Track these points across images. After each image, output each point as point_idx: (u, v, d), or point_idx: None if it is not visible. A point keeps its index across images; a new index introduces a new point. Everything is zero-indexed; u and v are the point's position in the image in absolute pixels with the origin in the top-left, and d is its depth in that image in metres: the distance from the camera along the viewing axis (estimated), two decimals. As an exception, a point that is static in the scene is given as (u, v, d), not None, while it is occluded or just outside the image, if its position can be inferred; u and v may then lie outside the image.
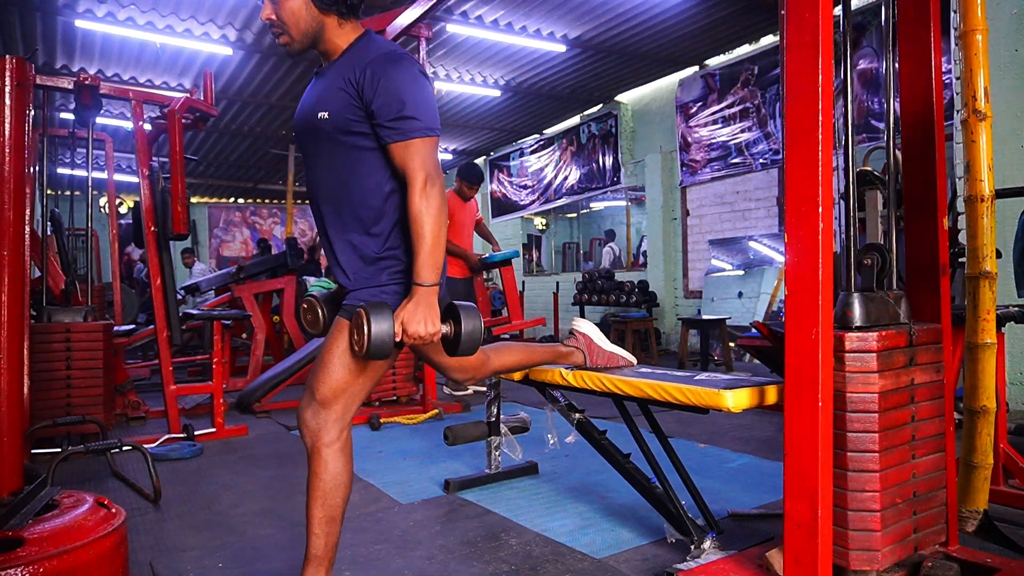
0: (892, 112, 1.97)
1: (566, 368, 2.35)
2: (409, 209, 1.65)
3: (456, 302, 1.76)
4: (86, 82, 4.11)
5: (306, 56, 2.07)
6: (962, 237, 2.55)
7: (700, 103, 8.38)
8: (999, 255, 2.47)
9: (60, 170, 5.76)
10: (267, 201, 16.44)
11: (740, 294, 7.44)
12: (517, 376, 2.53)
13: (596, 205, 11.89)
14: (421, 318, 1.64)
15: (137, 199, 4.45)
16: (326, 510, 1.75)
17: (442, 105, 9.86)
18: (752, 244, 7.84)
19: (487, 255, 5.90)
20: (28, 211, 2.82)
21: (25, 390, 2.73)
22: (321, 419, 1.75)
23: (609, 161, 9.95)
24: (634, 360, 2.41)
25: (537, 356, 2.33)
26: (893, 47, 1.98)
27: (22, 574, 1.60)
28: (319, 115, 1.71)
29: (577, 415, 2.50)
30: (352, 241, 1.77)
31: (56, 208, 4.60)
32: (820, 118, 1.60)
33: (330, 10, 1.72)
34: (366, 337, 1.59)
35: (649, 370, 2.32)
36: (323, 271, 9.20)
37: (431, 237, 1.64)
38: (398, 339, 1.63)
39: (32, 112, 3.02)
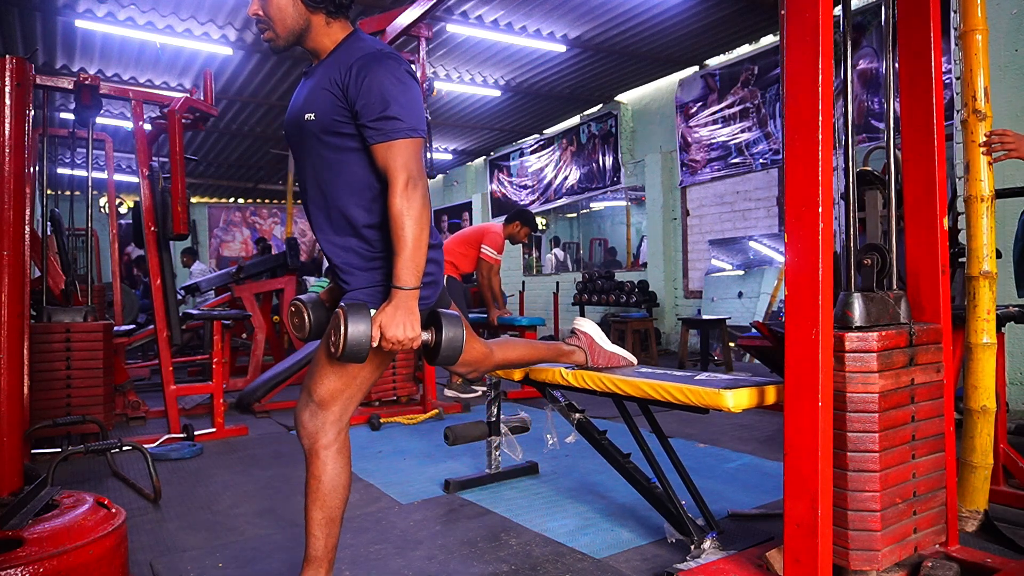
0: (892, 112, 1.97)
1: (567, 367, 2.34)
2: (390, 210, 1.61)
3: (440, 310, 1.73)
4: (86, 82, 4.11)
5: (304, 56, 2.07)
6: (962, 237, 2.55)
7: (700, 103, 8.38)
8: (999, 255, 2.47)
9: (60, 170, 5.76)
10: (267, 201, 16.44)
11: (740, 294, 7.44)
12: (517, 376, 2.52)
13: (596, 205, 11.87)
14: (400, 322, 1.60)
15: (137, 199, 4.46)
16: (325, 512, 1.75)
17: (442, 105, 9.86)
18: (752, 244, 7.84)
19: (510, 316, 5.73)
20: (28, 211, 2.82)
21: (25, 390, 2.74)
22: (319, 421, 1.75)
23: (609, 161, 9.94)
24: (635, 360, 2.41)
25: (540, 353, 2.32)
26: (893, 47, 1.98)
27: (22, 574, 1.60)
28: (306, 116, 1.69)
29: (577, 415, 2.50)
30: (345, 243, 1.74)
31: (56, 208, 4.60)
32: (820, 118, 1.60)
33: (318, 8, 1.70)
34: (342, 338, 1.55)
35: (649, 370, 2.32)
36: (323, 271, 9.20)
37: (412, 239, 1.59)
38: (375, 343, 1.60)
39: (32, 112, 3.02)
